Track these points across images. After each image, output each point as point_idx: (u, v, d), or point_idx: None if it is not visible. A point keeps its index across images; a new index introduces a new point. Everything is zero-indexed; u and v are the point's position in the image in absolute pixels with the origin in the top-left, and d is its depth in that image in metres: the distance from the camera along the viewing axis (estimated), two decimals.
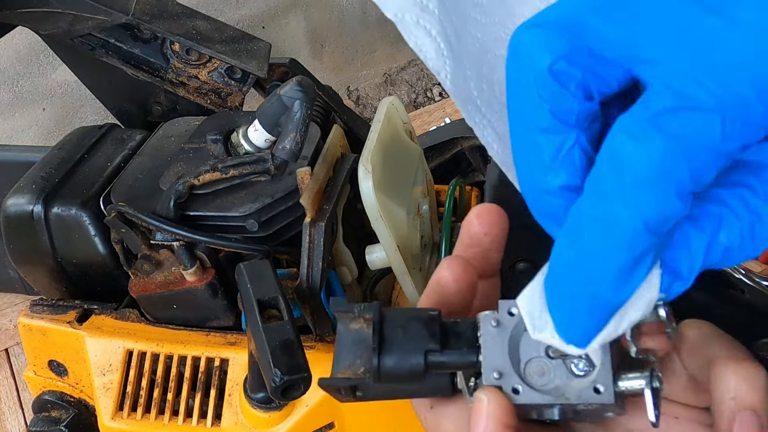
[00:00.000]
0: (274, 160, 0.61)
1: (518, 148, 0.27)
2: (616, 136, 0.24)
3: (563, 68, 0.24)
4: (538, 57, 0.25)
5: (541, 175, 0.26)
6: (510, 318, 0.30)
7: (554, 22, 0.25)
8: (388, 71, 2.63)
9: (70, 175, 0.71)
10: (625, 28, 0.23)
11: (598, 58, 0.24)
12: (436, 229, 0.73)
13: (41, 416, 0.71)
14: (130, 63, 0.78)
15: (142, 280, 0.65)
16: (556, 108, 0.25)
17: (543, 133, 0.25)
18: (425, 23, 0.32)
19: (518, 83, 0.26)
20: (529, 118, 0.26)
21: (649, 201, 0.23)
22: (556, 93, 0.25)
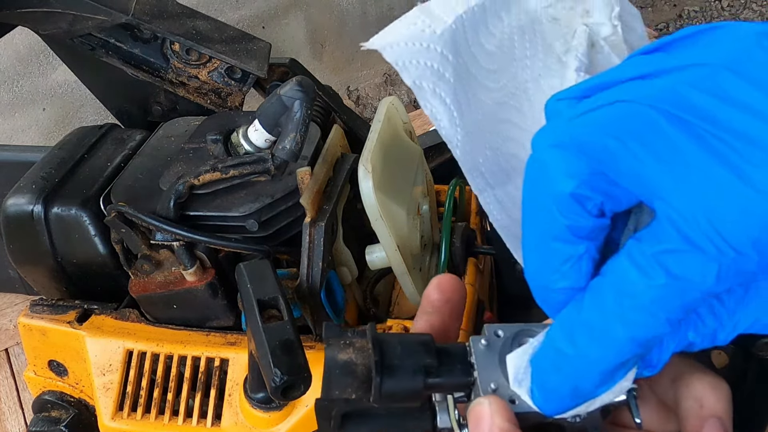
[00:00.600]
0: (274, 160, 0.61)
1: (530, 249, 0.29)
2: (624, 263, 0.26)
3: (584, 193, 0.27)
4: (560, 181, 0.27)
5: (549, 275, 0.29)
6: (497, 339, 0.32)
7: (574, 144, 0.27)
8: (388, 71, 2.63)
9: (70, 175, 0.70)
10: (641, 162, 0.25)
11: (614, 184, 0.27)
12: (436, 229, 0.73)
13: (41, 416, 0.71)
14: (130, 63, 0.78)
15: (142, 280, 0.65)
16: (573, 224, 0.27)
17: (557, 241, 0.28)
18: (441, 91, 0.33)
19: (537, 198, 0.28)
20: (545, 227, 0.28)
21: (643, 323, 0.26)
22: (575, 212, 0.27)
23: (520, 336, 0.32)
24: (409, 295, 0.64)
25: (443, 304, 0.35)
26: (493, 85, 0.35)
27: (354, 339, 0.31)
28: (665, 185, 0.25)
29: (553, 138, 0.28)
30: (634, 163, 0.25)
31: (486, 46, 0.35)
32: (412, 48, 0.33)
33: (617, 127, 0.26)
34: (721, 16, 3.05)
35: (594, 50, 0.36)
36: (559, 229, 0.27)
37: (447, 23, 0.33)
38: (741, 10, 3.06)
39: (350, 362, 0.30)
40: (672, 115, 0.25)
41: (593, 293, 0.27)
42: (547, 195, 0.27)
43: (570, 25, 0.37)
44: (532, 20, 0.36)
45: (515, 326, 0.32)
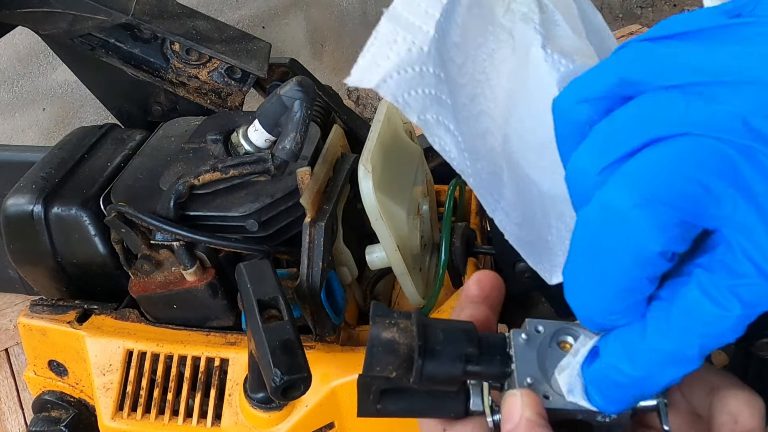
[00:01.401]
0: (274, 160, 0.61)
1: (587, 291, 0.29)
2: (695, 293, 0.27)
3: (672, 248, 0.27)
4: (649, 241, 0.26)
5: (604, 316, 0.29)
6: (537, 334, 0.32)
7: (658, 200, 0.26)
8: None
9: (70, 175, 0.70)
10: (723, 203, 0.26)
11: (693, 229, 0.27)
12: (436, 229, 0.73)
13: (41, 416, 0.71)
14: (130, 63, 0.78)
15: (142, 280, 0.65)
16: (652, 276, 0.27)
17: (625, 291, 0.28)
18: (444, 119, 0.32)
19: (613, 254, 0.27)
20: (616, 280, 0.28)
21: (714, 344, 0.27)
22: (658, 265, 0.27)
23: (559, 334, 0.32)
24: (409, 295, 0.64)
25: (482, 300, 0.36)
26: (462, 80, 0.34)
27: (399, 320, 0.32)
28: (743, 220, 0.25)
29: (632, 194, 0.27)
30: (716, 204, 0.26)
31: (455, 39, 0.33)
32: (406, 77, 0.31)
33: (698, 171, 0.26)
34: None
35: (541, 11, 0.34)
36: (634, 281, 0.27)
37: (430, 34, 0.31)
38: None
39: (393, 341, 0.31)
40: (743, 146, 0.25)
41: (659, 320, 0.28)
42: (629, 254, 0.27)
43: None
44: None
45: (555, 323, 0.33)
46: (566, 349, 0.32)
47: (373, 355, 0.31)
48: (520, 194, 0.34)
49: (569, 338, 0.32)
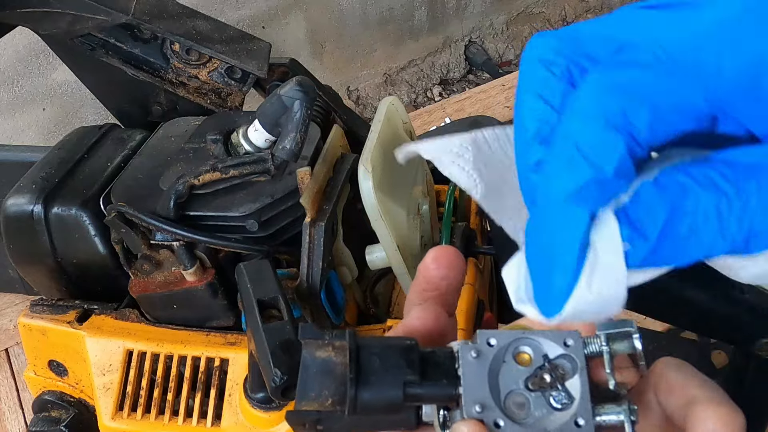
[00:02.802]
0: (274, 160, 0.61)
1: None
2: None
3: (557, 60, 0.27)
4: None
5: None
6: (489, 348, 0.29)
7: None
8: (388, 71, 2.63)
9: (70, 175, 0.70)
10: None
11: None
12: (436, 229, 0.73)
13: (41, 416, 0.71)
14: (130, 63, 0.78)
15: (142, 280, 0.65)
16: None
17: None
18: (465, 164, 0.32)
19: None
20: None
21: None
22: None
23: (515, 346, 0.29)
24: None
25: (440, 281, 0.34)
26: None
27: (333, 340, 0.29)
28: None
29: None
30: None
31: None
32: (440, 144, 0.32)
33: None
34: None
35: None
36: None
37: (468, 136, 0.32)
38: None
39: (329, 361, 0.29)
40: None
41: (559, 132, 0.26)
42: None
43: None
44: None
45: (509, 334, 0.30)
46: (524, 362, 0.29)
47: (307, 378, 0.28)
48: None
49: (528, 349, 0.29)
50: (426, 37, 2.67)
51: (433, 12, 2.63)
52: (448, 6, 2.65)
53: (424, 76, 2.71)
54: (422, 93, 2.69)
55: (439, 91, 2.67)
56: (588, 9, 2.98)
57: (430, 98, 2.65)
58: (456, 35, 2.74)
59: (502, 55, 2.81)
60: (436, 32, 2.69)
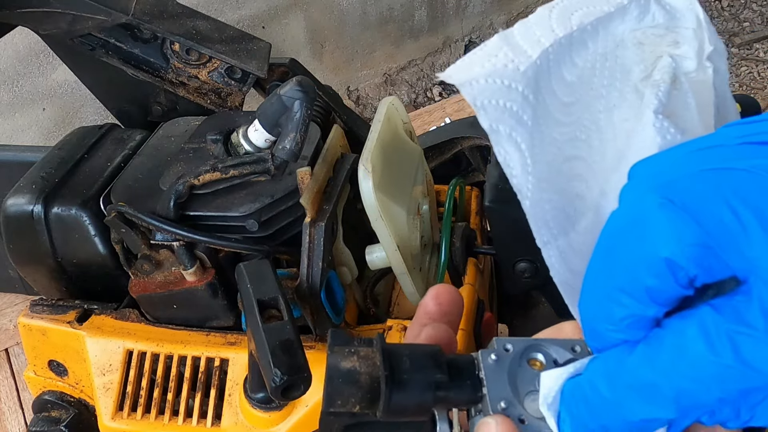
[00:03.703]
0: (274, 160, 0.61)
1: (592, 293, 0.27)
2: (692, 328, 0.25)
3: (681, 263, 0.24)
4: (663, 245, 0.25)
5: (605, 324, 0.27)
6: (506, 353, 0.31)
7: (686, 208, 0.25)
8: (388, 71, 2.63)
9: (70, 175, 0.70)
10: (752, 236, 0.24)
11: (719, 260, 0.24)
12: (436, 229, 0.73)
13: (41, 416, 0.71)
14: (130, 63, 0.78)
15: (142, 280, 0.65)
16: (654, 288, 0.25)
17: (627, 296, 0.26)
18: (517, 136, 0.31)
19: (625, 247, 0.26)
20: (620, 279, 0.26)
21: (693, 394, 0.24)
22: (663, 278, 0.25)
23: (528, 352, 0.31)
24: (409, 295, 0.64)
25: (441, 317, 0.35)
26: (566, 119, 0.34)
27: (359, 347, 0.30)
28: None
29: (664, 191, 0.25)
30: (745, 239, 0.24)
31: (566, 77, 0.33)
32: (493, 86, 0.31)
33: (736, 197, 0.24)
34: (721, 16, 3.05)
35: (673, 86, 0.34)
36: (636, 287, 0.25)
37: (531, 59, 0.32)
38: (741, 10, 3.06)
39: (354, 371, 0.29)
40: None
41: (649, 346, 0.26)
42: (639, 252, 0.25)
43: (655, 51, 0.35)
44: (616, 44, 0.34)
45: (523, 341, 0.31)
46: (536, 367, 0.30)
47: (333, 388, 0.29)
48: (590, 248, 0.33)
49: (539, 355, 0.31)
50: (426, 37, 2.67)
51: (433, 12, 2.63)
52: (448, 6, 2.65)
53: (424, 76, 2.71)
54: (422, 93, 2.70)
55: (439, 91, 2.68)
56: None
57: (430, 98, 2.65)
58: (456, 35, 2.74)
59: None
60: (436, 32, 2.69)
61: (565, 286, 0.33)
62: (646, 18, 0.35)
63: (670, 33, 0.35)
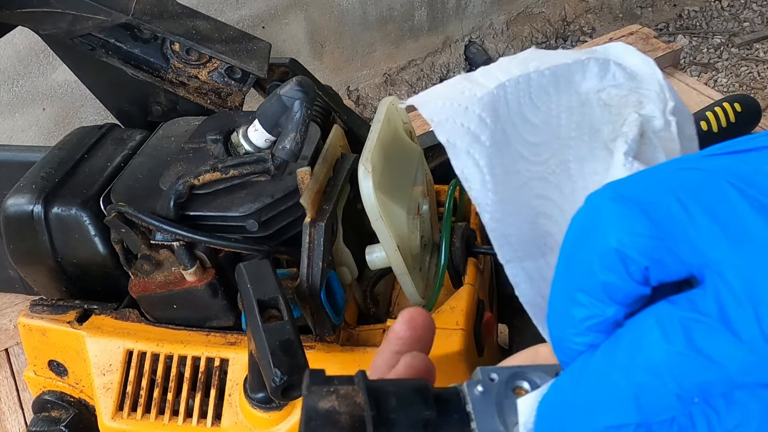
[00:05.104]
0: (274, 160, 0.61)
1: (555, 297, 0.27)
2: (648, 320, 0.24)
3: (630, 253, 0.25)
4: (611, 234, 0.25)
5: (567, 329, 0.27)
6: (492, 383, 0.30)
7: (636, 200, 0.25)
8: (388, 71, 2.63)
9: (70, 175, 0.70)
10: (702, 230, 0.24)
11: (669, 252, 0.24)
12: (436, 229, 0.73)
13: (41, 416, 0.71)
14: (130, 63, 0.78)
15: (142, 280, 0.65)
16: (609, 283, 0.25)
17: (585, 295, 0.26)
18: (475, 153, 0.32)
19: (580, 247, 0.26)
20: (577, 278, 0.26)
21: (651, 388, 0.24)
22: (615, 271, 0.25)
23: (513, 380, 0.30)
24: (409, 295, 0.64)
25: (414, 342, 0.34)
26: (533, 158, 0.34)
27: (339, 386, 0.29)
28: (723, 258, 0.23)
29: (615, 190, 0.26)
30: (695, 230, 0.24)
31: (529, 117, 0.34)
32: (450, 107, 0.32)
33: (685, 192, 0.24)
34: (721, 16, 3.05)
35: (642, 140, 0.35)
36: (592, 283, 0.25)
37: (488, 88, 0.33)
38: (741, 10, 3.06)
39: (333, 411, 0.28)
40: (744, 191, 0.23)
41: (609, 343, 0.25)
42: (592, 246, 0.25)
43: (621, 112, 0.36)
44: (581, 102, 0.35)
45: (508, 369, 0.31)
46: (521, 395, 0.30)
47: (310, 431, 0.27)
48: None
49: (524, 383, 0.30)
50: (426, 37, 2.67)
51: (433, 12, 2.63)
52: (448, 6, 2.65)
53: (424, 76, 2.71)
54: None
55: None
56: (588, 9, 2.98)
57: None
58: (456, 35, 2.74)
59: (502, 55, 2.81)
60: (436, 32, 2.69)
61: (533, 307, 0.33)
62: (607, 77, 0.36)
63: (633, 93, 0.36)
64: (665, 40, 1.31)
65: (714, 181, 0.24)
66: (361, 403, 0.28)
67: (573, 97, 0.35)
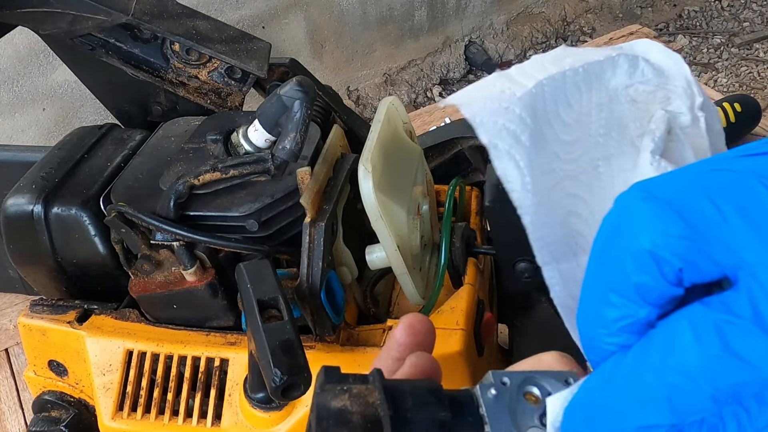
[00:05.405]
0: (274, 160, 0.61)
1: (587, 297, 0.27)
2: (681, 321, 0.24)
3: (664, 255, 0.24)
4: (644, 235, 0.25)
5: (598, 329, 0.26)
6: (504, 387, 0.30)
7: (669, 201, 0.25)
8: (388, 71, 2.63)
9: (70, 175, 0.70)
10: (736, 231, 0.23)
11: (701, 252, 0.24)
12: (436, 229, 0.73)
13: (41, 416, 0.71)
14: (130, 63, 0.78)
15: (142, 280, 0.65)
16: (642, 284, 0.25)
17: (617, 296, 0.26)
18: (516, 153, 0.32)
19: (612, 247, 0.26)
20: (610, 278, 0.26)
21: (684, 390, 0.24)
22: (649, 272, 0.25)
23: (524, 385, 0.30)
24: (409, 295, 0.64)
25: (414, 348, 0.34)
26: (566, 156, 0.35)
27: (353, 385, 0.28)
28: (757, 259, 0.23)
29: (646, 190, 0.26)
30: (728, 231, 0.24)
31: (563, 116, 0.34)
32: (491, 107, 0.32)
33: (718, 193, 0.24)
34: (721, 16, 3.05)
35: (669, 137, 0.35)
36: (624, 284, 0.25)
37: (527, 87, 0.33)
38: (741, 10, 3.06)
39: (345, 410, 0.28)
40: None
41: (642, 344, 0.25)
42: (624, 246, 0.25)
43: (648, 109, 0.36)
44: (610, 98, 0.35)
45: (520, 374, 0.31)
46: (531, 401, 0.30)
47: (322, 431, 0.27)
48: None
49: (535, 389, 0.30)
50: (426, 37, 2.67)
51: (433, 12, 2.63)
52: (448, 6, 2.65)
53: (424, 76, 2.71)
54: (422, 93, 2.70)
55: (439, 91, 2.68)
56: (588, 9, 2.98)
57: (430, 98, 2.65)
58: (456, 35, 2.74)
59: (502, 55, 2.81)
60: (436, 32, 2.69)
61: (565, 309, 0.33)
62: (636, 73, 0.36)
63: (661, 90, 0.36)
64: (665, 40, 1.31)
65: (747, 183, 0.24)
66: (374, 402, 0.28)
67: (603, 93, 0.35)
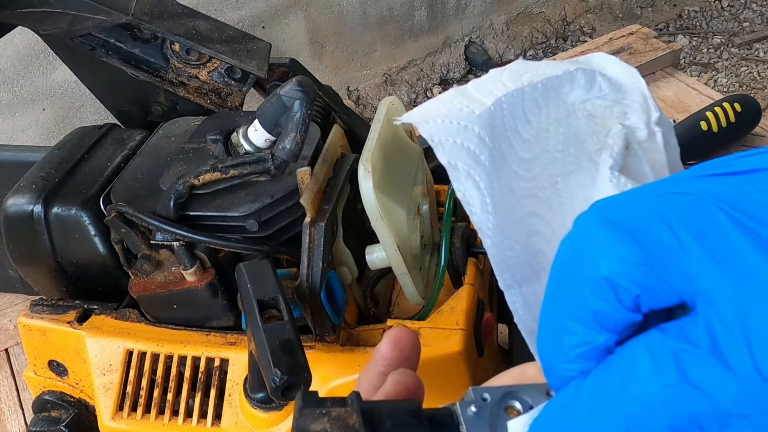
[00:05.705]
0: (274, 160, 0.61)
1: (545, 323, 0.27)
2: (639, 349, 0.24)
3: (622, 283, 0.24)
4: (601, 262, 0.24)
5: (557, 355, 0.26)
6: (484, 403, 0.30)
7: (626, 227, 0.25)
8: (388, 71, 2.63)
9: (70, 175, 0.70)
10: (692, 256, 0.23)
11: (657, 278, 0.24)
12: (436, 229, 0.73)
13: (41, 416, 0.71)
14: (130, 63, 0.78)
15: (142, 280, 0.65)
16: (599, 311, 0.25)
17: (575, 323, 0.26)
18: (475, 174, 0.32)
19: (569, 273, 0.26)
20: (567, 305, 0.26)
21: (642, 419, 0.23)
22: (606, 299, 0.25)
23: (506, 399, 0.30)
24: (409, 295, 0.64)
25: (400, 362, 0.34)
26: (525, 174, 0.34)
27: (332, 408, 0.29)
28: (715, 287, 0.23)
29: (604, 215, 0.25)
30: (686, 258, 0.23)
31: (522, 132, 0.34)
32: (449, 126, 0.32)
33: (675, 218, 0.24)
34: (721, 16, 3.05)
35: (627, 152, 0.34)
36: (582, 311, 0.25)
37: (485, 105, 0.33)
38: (741, 10, 3.06)
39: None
40: (735, 217, 0.23)
41: (600, 371, 0.25)
42: (581, 273, 0.25)
43: (605, 123, 0.35)
44: (568, 113, 0.35)
45: (500, 389, 0.31)
46: (513, 415, 0.30)
47: None
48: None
49: (516, 403, 0.30)
50: (426, 37, 2.68)
51: (433, 12, 2.63)
52: (448, 6, 2.65)
53: (424, 76, 2.71)
54: (422, 93, 2.70)
55: (439, 91, 2.67)
56: (588, 9, 2.98)
57: (430, 98, 2.65)
58: (456, 35, 2.75)
59: (502, 55, 2.81)
60: (436, 32, 2.69)
61: (529, 334, 0.33)
62: (594, 88, 0.35)
63: (618, 104, 0.36)
64: (665, 40, 1.31)
65: (704, 207, 0.24)
66: (354, 425, 0.28)
67: (561, 108, 0.35)
